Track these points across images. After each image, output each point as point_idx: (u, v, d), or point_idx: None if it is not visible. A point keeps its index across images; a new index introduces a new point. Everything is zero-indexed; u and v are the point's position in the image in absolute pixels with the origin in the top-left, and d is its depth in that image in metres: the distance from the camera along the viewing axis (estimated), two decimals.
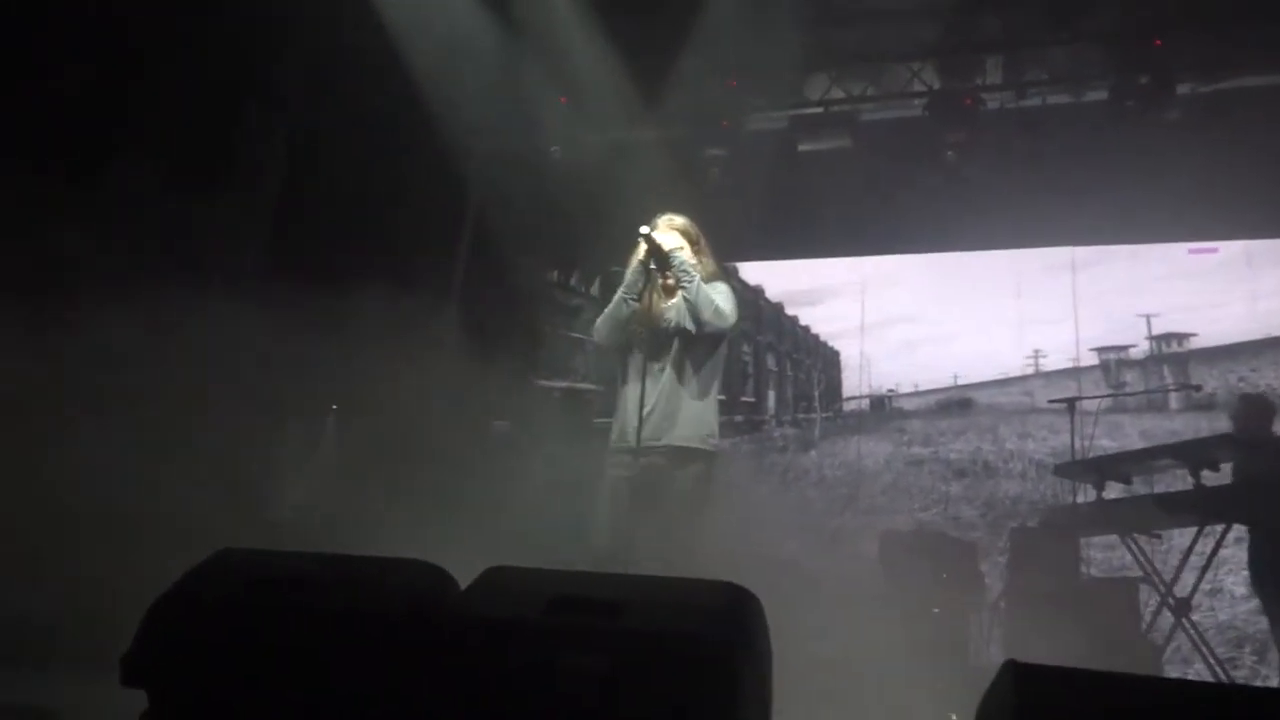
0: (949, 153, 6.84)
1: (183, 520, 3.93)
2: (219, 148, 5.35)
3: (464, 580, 1.85)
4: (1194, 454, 5.36)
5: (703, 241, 4.13)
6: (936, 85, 7.01)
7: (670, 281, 4.00)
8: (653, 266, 3.95)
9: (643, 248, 3.97)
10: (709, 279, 4.05)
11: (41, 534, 3.70)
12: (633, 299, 4.00)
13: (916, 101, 7.09)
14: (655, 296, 4.05)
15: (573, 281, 7.69)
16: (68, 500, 3.86)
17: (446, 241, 6.75)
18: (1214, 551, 5.45)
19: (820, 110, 7.20)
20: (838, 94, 7.21)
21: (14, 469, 3.72)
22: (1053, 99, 7.11)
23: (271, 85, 5.68)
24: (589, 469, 4.28)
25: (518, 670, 1.52)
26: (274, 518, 5.78)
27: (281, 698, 1.62)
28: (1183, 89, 6.53)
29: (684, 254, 3.97)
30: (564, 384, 6.62)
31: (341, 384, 6.24)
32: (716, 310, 3.91)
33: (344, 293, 5.39)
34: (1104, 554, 6.02)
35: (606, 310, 4.09)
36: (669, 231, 4.04)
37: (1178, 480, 5.76)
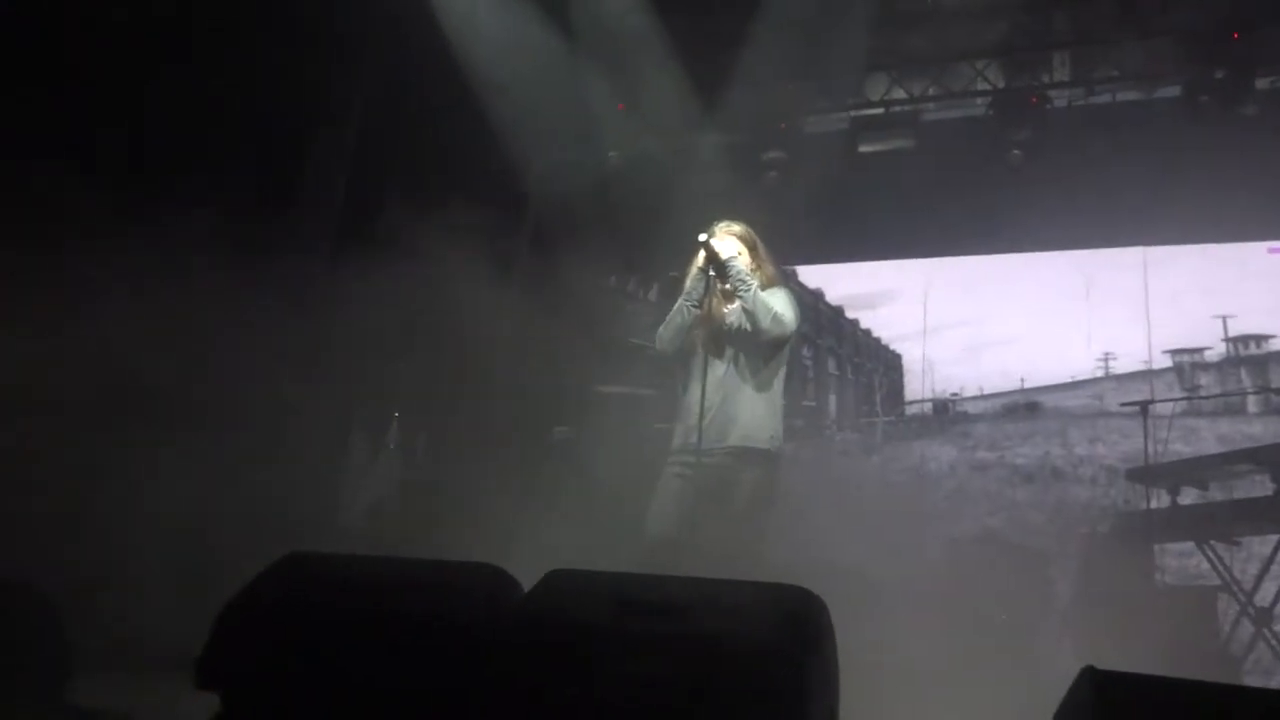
0: (1014, 152, 6.71)
1: (256, 526, 4.02)
2: (288, 170, 5.48)
3: (527, 583, 1.86)
4: (1275, 459, 5.18)
5: (760, 247, 4.12)
6: (1001, 84, 6.89)
7: (729, 287, 4.00)
8: (712, 273, 3.95)
9: (702, 254, 3.98)
10: (767, 285, 4.04)
11: (117, 537, 3.81)
12: (693, 305, 4.01)
13: (980, 100, 6.98)
14: (715, 302, 4.06)
15: (631, 287, 7.70)
16: (144, 505, 3.97)
17: (507, 246, 6.81)
18: None
19: (881, 111, 7.12)
20: (899, 94, 7.13)
21: (85, 472, 3.83)
22: (1123, 95, 6.95)
23: (336, 106, 5.79)
24: (649, 474, 4.28)
25: (583, 674, 1.52)
26: (345, 523, 5.89)
27: (349, 700, 1.65)
28: (1261, 83, 6.32)
29: (741, 261, 3.97)
30: (624, 390, 6.62)
31: (407, 390, 6.34)
32: (775, 317, 3.89)
33: (404, 302, 5.47)
34: (1179, 561, 5.84)
35: (668, 317, 4.10)
36: (726, 237, 4.03)
37: (1257, 486, 5.56)
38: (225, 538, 3.81)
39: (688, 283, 4.05)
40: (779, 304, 3.95)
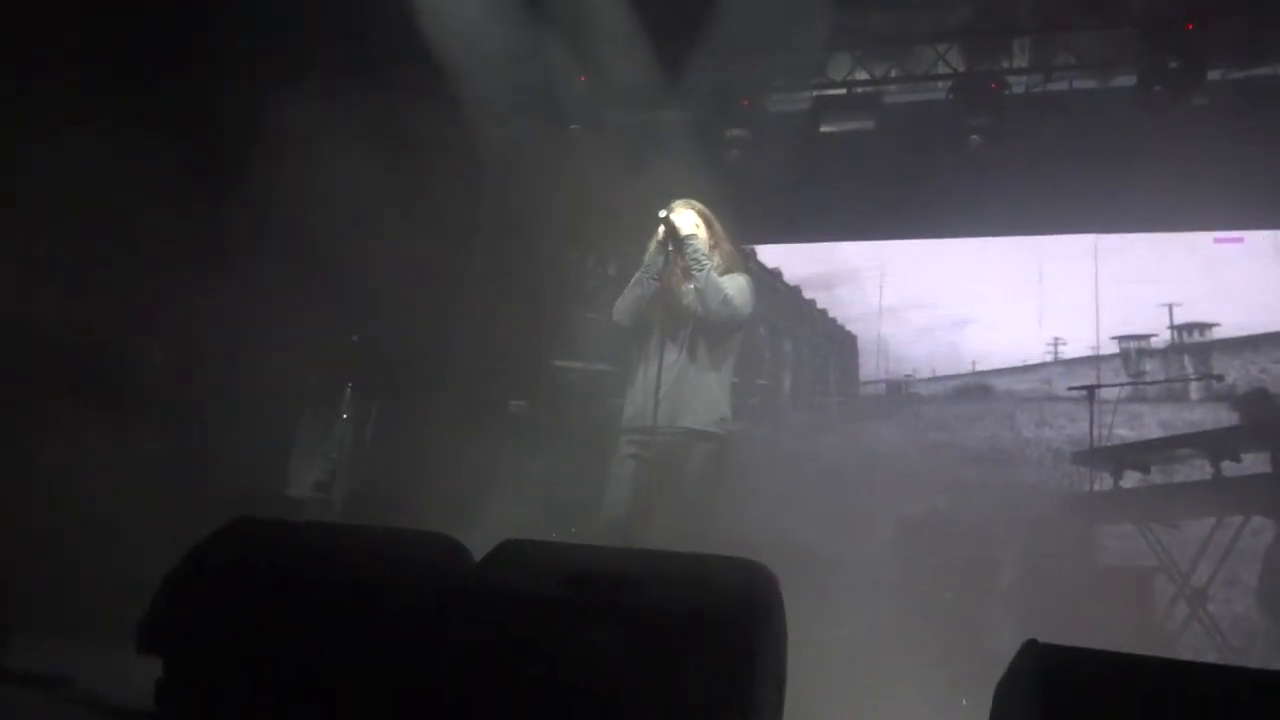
0: (973, 136, 6.76)
1: (205, 498, 3.96)
2: (237, 132, 5.34)
3: (480, 555, 1.85)
4: (1215, 444, 5.32)
5: (718, 225, 4.13)
6: (962, 68, 6.93)
7: (684, 265, 4.00)
8: (670, 248, 3.95)
9: (662, 229, 3.97)
10: (726, 264, 4.05)
11: (60, 507, 3.73)
12: (652, 279, 4.00)
13: (941, 84, 7.01)
14: (673, 279, 4.05)
15: (590, 262, 7.66)
16: (84, 475, 3.89)
17: (465, 217, 6.73)
18: (1232, 543, 5.42)
19: (844, 91, 7.13)
20: (861, 75, 7.14)
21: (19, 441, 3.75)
22: (1080, 83, 7.02)
23: (292, 64, 5.66)
24: (604, 449, 4.29)
25: (533, 643, 1.52)
26: (295, 495, 5.82)
27: (295, 666, 1.63)
28: (1213, 75, 6.42)
29: (698, 240, 3.96)
30: (580, 365, 6.61)
31: (359, 363, 6.27)
32: (725, 300, 3.90)
33: (361, 279, 5.40)
34: (1119, 543, 5.98)
35: (626, 290, 4.09)
36: (685, 213, 4.03)
37: (1196, 470, 5.71)
38: (169, 509, 3.74)
39: (646, 257, 4.05)
40: (733, 288, 3.95)
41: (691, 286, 3.99)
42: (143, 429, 4.38)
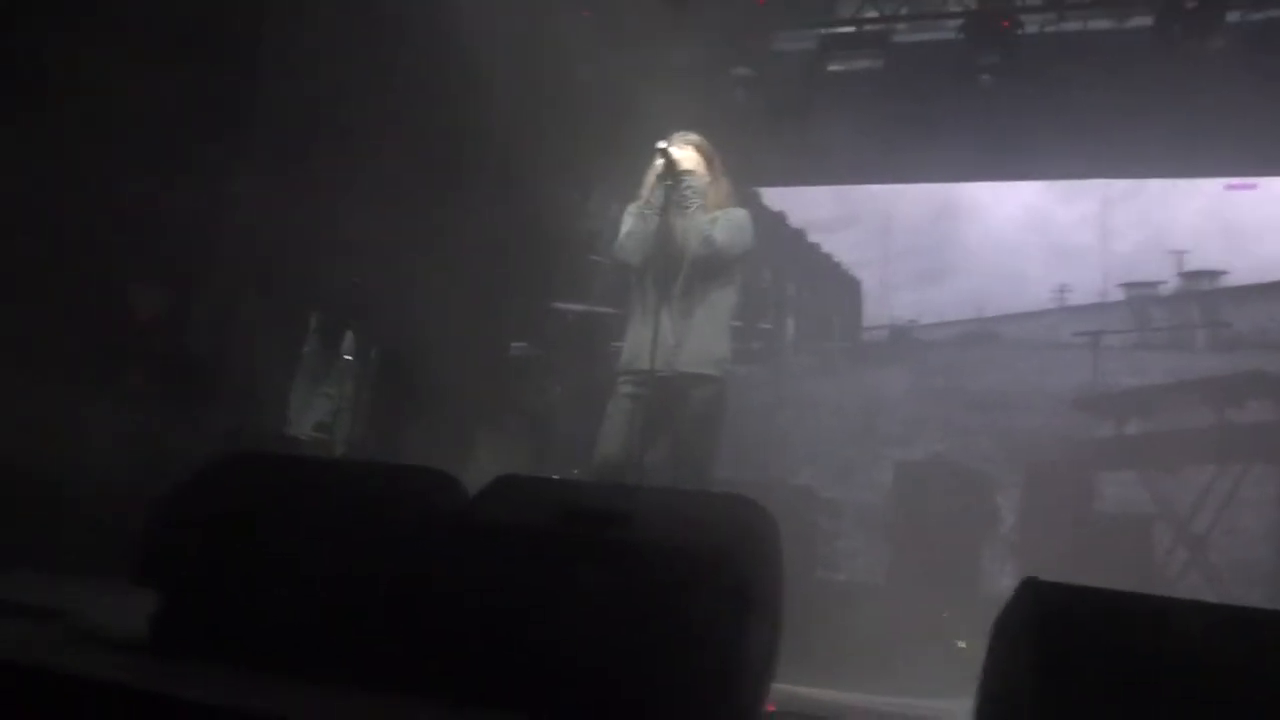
0: (983, 76, 6.62)
1: (202, 435, 3.95)
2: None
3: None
4: (1218, 392, 5.30)
5: (718, 160, 4.03)
6: (974, 5, 6.77)
7: (683, 201, 3.92)
8: (669, 183, 3.87)
9: (660, 162, 3.89)
10: (724, 200, 3.96)
11: (59, 442, 3.73)
12: (653, 213, 3.92)
13: (952, 23, 6.85)
14: (672, 215, 3.96)
15: (592, 204, 7.58)
16: (86, 409, 3.88)
17: (457, 161, 6.65)
18: (1233, 491, 5.43)
19: (852, 29, 6.97)
20: (871, 13, 6.98)
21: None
22: (1095, 23, 6.86)
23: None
24: (604, 391, 4.26)
25: (527, 578, 1.50)
26: (294, 434, 5.83)
27: (287, 597, 1.62)
28: (1232, 16, 6.26)
29: (694, 177, 3.88)
30: (581, 307, 6.57)
31: (357, 304, 6.23)
32: (706, 239, 3.82)
33: (353, 214, 5.33)
34: (1120, 489, 5.99)
35: (628, 226, 4.02)
36: (685, 148, 3.94)
37: (1198, 418, 5.69)
38: (167, 446, 3.74)
39: (645, 191, 3.97)
40: (724, 225, 3.87)
41: (687, 223, 3.92)
42: (141, 366, 4.36)
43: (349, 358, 6.35)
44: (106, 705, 1.40)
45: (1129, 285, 7.29)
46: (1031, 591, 1.31)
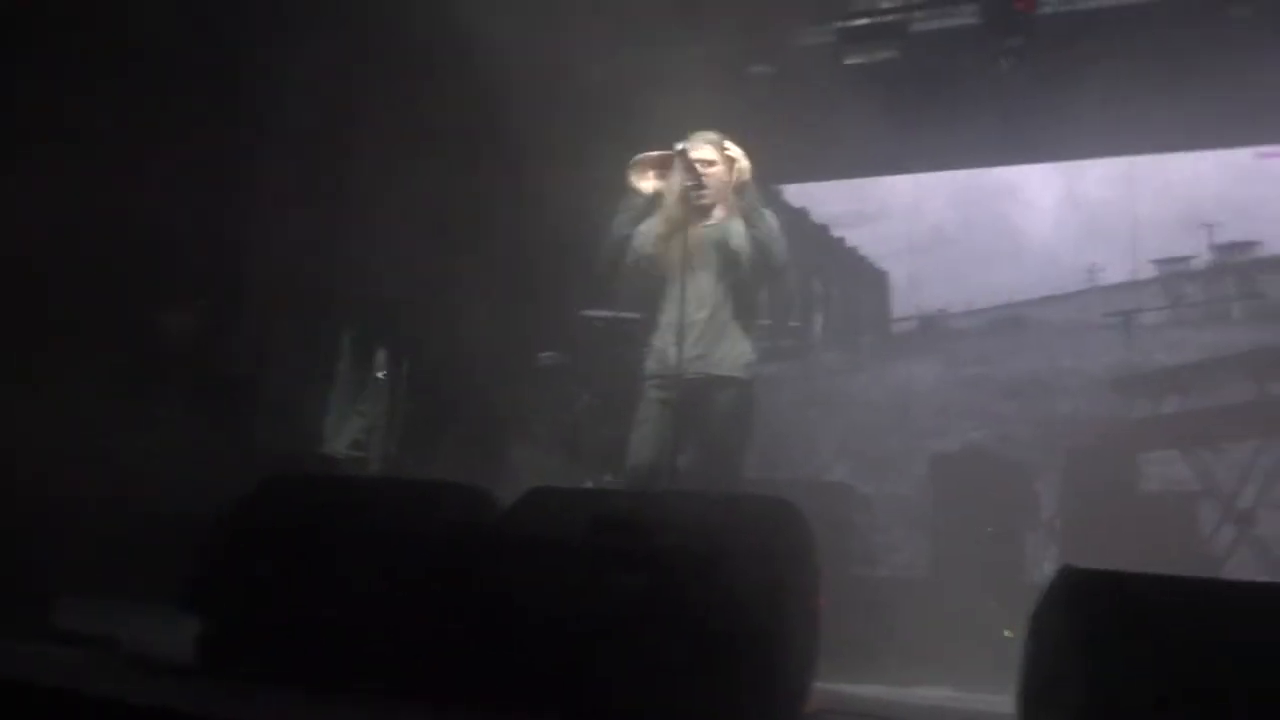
0: (1002, 60, 6.56)
1: (242, 458, 4.01)
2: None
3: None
4: (1257, 364, 5.21)
5: (739, 160, 4.01)
6: None
7: (705, 202, 3.92)
8: (688, 184, 3.87)
9: (680, 165, 3.89)
10: (744, 202, 3.94)
11: (102, 467, 3.79)
12: (674, 216, 3.92)
13: (969, 9, 6.79)
14: (694, 217, 3.96)
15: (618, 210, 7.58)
16: (130, 434, 3.95)
17: (480, 170, 6.68)
18: (1278, 463, 5.33)
19: (868, 21, 6.93)
20: (886, 4, 6.94)
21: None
22: None
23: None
24: (633, 397, 4.26)
25: (560, 588, 1.52)
26: (331, 452, 5.89)
27: (333, 618, 1.65)
28: None
29: (714, 178, 3.89)
30: (608, 313, 6.57)
31: (390, 323, 6.29)
32: (765, 250, 3.86)
33: (382, 231, 5.39)
34: (1162, 469, 5.91)
35: (645, 228, 4.02)
36: (704, 148, 3.94)
37: (1239, 392, 5.60)
38: (209, 472, 3.79)
39: (666, 194, 3.96)
40: (773, 236, 3.88)
41: (710, 224, 3.92)
42: (179, 389, 4.43)
43: (381, 375, 6.41)
44: None
45: (1160, 262, 7.18)
46: (1067, 578, 1.31)
